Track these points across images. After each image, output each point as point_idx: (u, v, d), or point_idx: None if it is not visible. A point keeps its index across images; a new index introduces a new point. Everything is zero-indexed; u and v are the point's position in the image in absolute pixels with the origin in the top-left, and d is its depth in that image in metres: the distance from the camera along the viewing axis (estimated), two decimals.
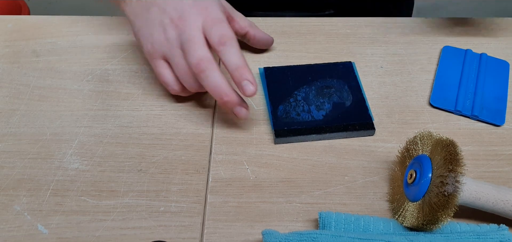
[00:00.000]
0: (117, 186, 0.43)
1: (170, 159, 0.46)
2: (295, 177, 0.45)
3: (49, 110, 0.50)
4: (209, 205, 0.43)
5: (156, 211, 0.42)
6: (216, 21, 0.44)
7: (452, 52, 0.56)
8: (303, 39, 0.58)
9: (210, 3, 0.46)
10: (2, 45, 0.57)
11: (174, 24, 0.45)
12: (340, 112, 0.48)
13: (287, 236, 0.38)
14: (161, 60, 0.47)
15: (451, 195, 0.36)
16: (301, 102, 0.49)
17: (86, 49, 0.57)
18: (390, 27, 0.60)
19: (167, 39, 0.45)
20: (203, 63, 0.43)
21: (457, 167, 0.37)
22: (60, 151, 0.46)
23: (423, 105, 0.51)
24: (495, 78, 0.53)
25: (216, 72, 0.43)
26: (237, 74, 0.43)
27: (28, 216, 0.41)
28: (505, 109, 0.50)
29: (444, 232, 0.39)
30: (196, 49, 0.43)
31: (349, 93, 0.50)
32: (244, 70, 0.43)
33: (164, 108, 0.50)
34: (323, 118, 0.48)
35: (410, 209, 0.40)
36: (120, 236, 0.40)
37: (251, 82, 0.43)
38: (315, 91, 0.50)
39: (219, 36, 0.43)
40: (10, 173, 0.44)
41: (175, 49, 0.45)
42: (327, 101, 0.49)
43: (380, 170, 0.45)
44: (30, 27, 0.59)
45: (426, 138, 0.41)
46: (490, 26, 0.60)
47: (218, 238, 0.40)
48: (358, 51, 0.57)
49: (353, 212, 0.42)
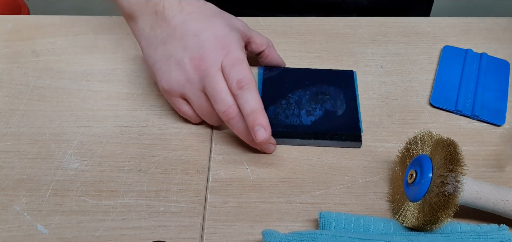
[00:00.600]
0: (117, 186, 0.43)
1: (170, 159, 0.46)
2: (295, 177, 0.45)
3: (48, 110, 0.50)
4: (209, 205, 0.42)
5: (156, 211, 0.42)
6: (235, 62, 0.43)
7: (452, 52, 0.56)
8: (303, 39, 0.58)
9: (231, 40, 0.44)
10: (2, 45, 0.57)
11: (194, 64, 0.43)
12: (329, 120, 0.48)
13: (287, 236, 0.38)
14: (179, 98, 0.46)
15: (452, 195, 0.36)
16: (293, 106, 0.49)
17: (86, 49, 0.57)
18: (390, 27, 0.60)
19: (188, 80, 0.44)
20: (231, 111, 0.43)
21: (457, 166, 0.37)
22: (60, 151, 0.46)
23: (423, 105, 0.51)
24: (496, 78, 0.53)
25: (243, 118, 0.43)
26: (251, 119, 0.42)
27: (27, 216, 0.41)
28: (505, 109, 0.50)
29: (444, 232, 0.39)
30: (223, 99, 0.43)
31: (344, 102, 0.49)
32: (258, 115, 0.42)
33: (164, 109, 0.50)
34: (310, 124, 0.47)
35: (411, 209, 0.40)
36: (120, 236, 0.40)
37: (264, 127, 0.42)
38: (309, 96, 0.50)
39: (238, 80, 0.42)
40: (9, 173, 0.44)
41: (197, 92, 0.44)
42: (319, 107, 0.49)
43: (381, 170, 0.45)
44: (29, 27, 0.59)
45: (426, 138, 0.41)
46: (491, 26, 0.60)
47: (218, 238, 0.40)
48: (358, 51, 0.57)
49: (353, 212, 0.42)
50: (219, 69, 0.43)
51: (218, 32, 0.44)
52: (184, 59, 0.44)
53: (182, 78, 0.44)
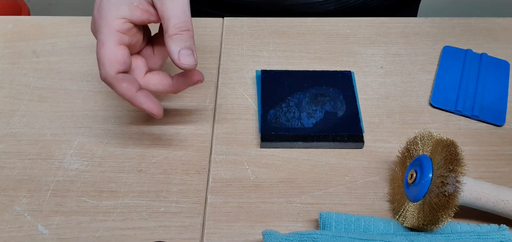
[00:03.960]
0: (117, 186, 0.43)
1: (170, 159, 0.46)
2: (295, 177, 0.45)
3: (49, 111, 0.50)
4: (209, 205, 0.42)
5: (156, 211, 0.42)
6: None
7: (452, 52, 0.56)
8: (303, 39, 0.58)
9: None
10: (2, 46, 0.57)
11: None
12: (331, 122, 0.48)
13: (287, 236, 0.38)
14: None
15: (452, 195, 0.36)
16: (293, 109, 0.49)
17: (86, 50, 0.57)
18: (390, 27, 0.60)
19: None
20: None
21: (457, 167, 0.37)
22: (60, 151, 0.46)
23: (423, 106, 0.51)
24: (496, 78, 0.53)
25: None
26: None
27: (28, 216, 0.41)
28: (505, 110, 0.50)
29: (444, 232, 0.39)
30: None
31: (344, 103, 0.49)
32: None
33: (164, 109, 0.50)
34: (312, 127, 0.47)
35: (411, 209, 0.40)
36: (120, 237, 0.40)
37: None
38: (309, 98, 0.50)
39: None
40: (10, 174, 0.44)
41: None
42: (319, 109, 0.49)
43: (381, 170, 0.45)
44: (30, 28, 0.59)
45: (426, 138, 0.41)
46: (491, 26, 0.60)
47: (218, 238, 0.40)
48: (358, 51, 0.57)
49: (354, 212, 0.42)
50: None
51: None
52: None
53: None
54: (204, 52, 0.56)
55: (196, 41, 0.57)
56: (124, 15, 0.40)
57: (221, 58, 0.55)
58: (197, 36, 0.57)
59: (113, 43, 0.39)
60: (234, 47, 0.57)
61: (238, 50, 0.56)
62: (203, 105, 0.51)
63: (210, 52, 0.56)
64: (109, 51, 0.39)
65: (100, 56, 0.40)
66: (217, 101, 0.51)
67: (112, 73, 0.39)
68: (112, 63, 0.39)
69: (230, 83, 0.53)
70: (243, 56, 0.56)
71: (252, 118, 0.49)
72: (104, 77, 0.40)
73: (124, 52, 0.40)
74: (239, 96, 0.51)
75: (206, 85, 0.52)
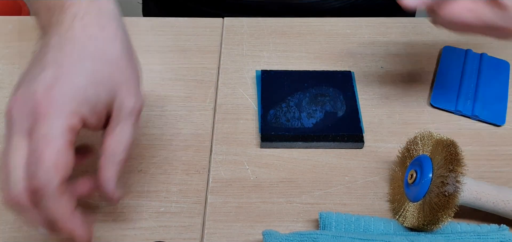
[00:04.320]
0: (117, 186, 0.43)
1: (170, 159, 0.46)
2: (295, 177, 0.45)
3: None
4: (209, 205, 0.42)
5: (156, 211, 0.42)
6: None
7: (452, 52, 0.56)
8: (303, 39, 0.58)
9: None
10: (3, 46, 0.57)
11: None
12: (331, 121, 0.48)
13: (287, 236, 0.38)
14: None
15: (452, 195, 0.36)
16: (293, 109, 0.49)
17: None
18: (390, 27, 0.60)
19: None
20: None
21: (457, 167, 0.37)
22: None
23: (423, 106, 0.51)
24: (496, 78, 0.53)
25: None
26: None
27: None
28: (505, 110, 0.50)
29: (444, 232, 0.39)
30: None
31: (344, 103, 0.49)
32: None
33: (164, 109, 0.50)
34: (312, 127, 0.47)
35: (411, 209, 0.40)
36: (120, 237, 0.40)
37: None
38: (309, 98, 0.50)
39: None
40: None
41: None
42: (319, 109, 0.49)
43: (381, 170, 0.45)
44: (30, 28, 0.59)
45: (426, 138, 0.41)
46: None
47: (218, 238, 0.40)
48: (358, 51, 0.57)
49: (354, 212, 0.42)
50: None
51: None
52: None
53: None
54: (204, 52, 0.56)
55: (196, 41, 0.57)
56: (83, 112, 0.32)
57: (221, 58, 0.55)
58: (197, 36, 0.57)
59: (64, 143, 0.31)
60: (234, 47, 0.57)
61: (238, 50, 0.56)
62: (203, 105, 0.51)
63: (210, 52, 0.56)
64: (59, 152, 0.30)
65: (41, 156, 0.30)
66: (217, 101, 0.51)
67: (56, 183, 0.30)
68: (59, 168, 0.30)
69: (230, 83, 0.53)
70: (243, 56, 0.56)
71: (252, 118, 0.49)
72: (36, 188, 0.30)
73: (71, 155, 0.32)
74: (239, 96, 0.51)
75: (206, 85, 0.52)
